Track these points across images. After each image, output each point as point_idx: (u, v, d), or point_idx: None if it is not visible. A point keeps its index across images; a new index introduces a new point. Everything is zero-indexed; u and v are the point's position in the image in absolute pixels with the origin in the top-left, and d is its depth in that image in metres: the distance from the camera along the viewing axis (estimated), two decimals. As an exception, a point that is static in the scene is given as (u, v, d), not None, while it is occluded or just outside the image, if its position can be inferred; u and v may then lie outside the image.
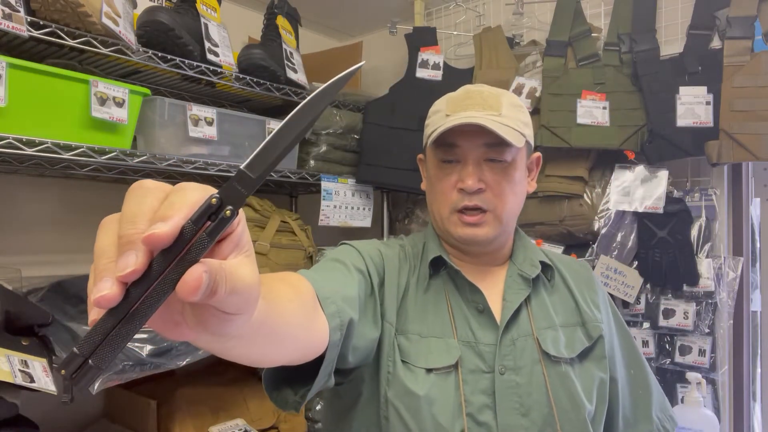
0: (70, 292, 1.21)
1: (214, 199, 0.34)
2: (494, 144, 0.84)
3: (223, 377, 1.60)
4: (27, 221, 1.45)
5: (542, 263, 0.92)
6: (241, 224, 0.37)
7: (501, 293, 0.89)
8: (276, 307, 0.50)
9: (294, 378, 0.68)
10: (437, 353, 0.82)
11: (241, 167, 0.36)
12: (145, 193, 0.35)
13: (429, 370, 0.81)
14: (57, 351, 1.10)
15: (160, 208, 0.34)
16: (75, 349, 0.33)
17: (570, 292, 0.93)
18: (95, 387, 1.10)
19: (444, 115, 0.87)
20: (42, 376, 0.98)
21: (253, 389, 1.58)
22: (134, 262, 0.32)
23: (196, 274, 0.33)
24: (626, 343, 0.96)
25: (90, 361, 0.33)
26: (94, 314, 0.33)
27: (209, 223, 0.34)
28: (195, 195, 0.35)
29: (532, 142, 0.91)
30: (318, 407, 1.68)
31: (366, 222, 1.80)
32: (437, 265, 0.90)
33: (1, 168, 1.31)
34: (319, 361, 0.63)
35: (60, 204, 1.51)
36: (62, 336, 1.13)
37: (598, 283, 0.98)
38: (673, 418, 0.96)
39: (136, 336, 1.16)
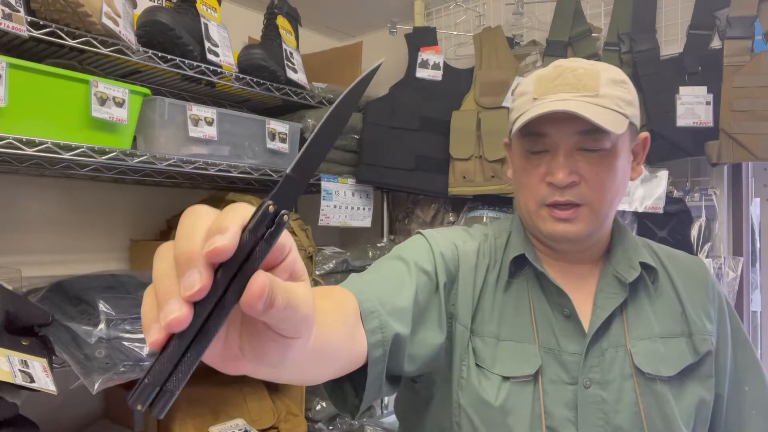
0: (70, 292, 1.21)
1: (270, 206, 0.34)
2: (590, 131, 0.73)
3: (223, 377, 1.60)
4: (27, 221, 1.45)
5: (643, 264, 0.80)
6: (292, 253, 0.36)
7: (592, 296, 0.80)
8: (322, 328, 0.48)
9: (354, 377, 0.64)
10: (515, 360, 0.75)
11: (287, 171, 0.36)
12: (198, 215, 0.34)
13: (506, 378, 0.74)
14: (57, 351, 1.10)
15: (213, 223, 0.33)
16: (146, 380, 0.31)
17: (677, 295, 0.81)
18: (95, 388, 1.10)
19: (531, 98, 0.76)
20: (42, 376, 0.98)
21: (253, 389, 1.58)
22: (200, 279, 0.31)
23: (260, 282, 0.32)
24: (744, 356, 0.84)
25: (164, 386, 0.32)
26: (155, 334, 0.31)
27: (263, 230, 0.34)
28: (245, 208, 0.34)
29: (637, 123, 0.78)
30: (318, 407, 1.68)
31: (366, 222, 1.80)
32: (520, 262, 0.82)
33: (1, 168, 1.31)
34: None
35: (60, 204, 1.51)
36: (62, 336, 1.13)
37: (714, 285, 0.85)
38: None
39: (135, 336, 1.17)
